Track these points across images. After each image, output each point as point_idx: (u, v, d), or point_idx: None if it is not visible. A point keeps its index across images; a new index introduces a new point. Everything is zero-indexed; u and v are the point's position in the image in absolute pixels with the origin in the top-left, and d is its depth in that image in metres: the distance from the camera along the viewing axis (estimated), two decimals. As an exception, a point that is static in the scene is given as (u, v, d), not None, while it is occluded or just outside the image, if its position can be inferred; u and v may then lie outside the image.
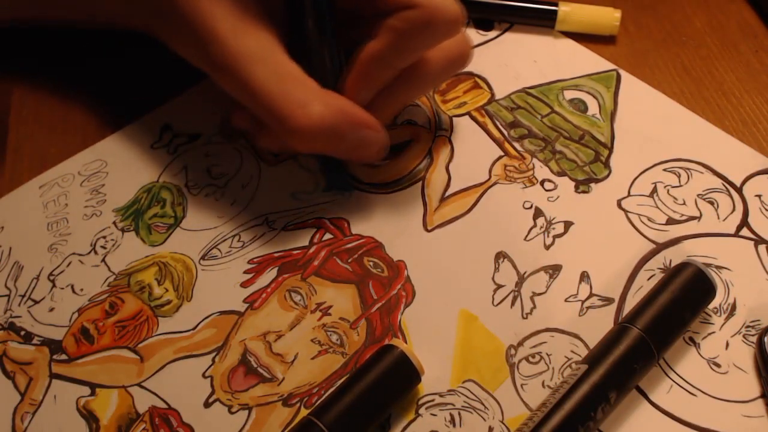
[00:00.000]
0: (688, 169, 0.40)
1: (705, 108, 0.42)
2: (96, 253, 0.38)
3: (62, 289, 0.37)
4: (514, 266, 0.37)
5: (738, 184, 0.39)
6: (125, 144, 0.42)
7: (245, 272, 0.37)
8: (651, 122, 0.42)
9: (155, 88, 0.44)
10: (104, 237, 0.39)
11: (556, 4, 0.45)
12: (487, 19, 0.47)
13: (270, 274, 0.37)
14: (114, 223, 0.39)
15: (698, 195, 0.39)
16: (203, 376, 0.34)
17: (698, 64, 0.45)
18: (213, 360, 0.35)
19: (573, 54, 0.45)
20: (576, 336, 0.35)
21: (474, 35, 0.46)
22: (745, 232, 0.38)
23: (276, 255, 0.38)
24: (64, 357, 0.35)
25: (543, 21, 0.46)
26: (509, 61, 0.45)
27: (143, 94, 0.44)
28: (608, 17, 0.45)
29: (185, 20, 0.34)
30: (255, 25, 0.34)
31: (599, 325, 0.35)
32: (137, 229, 0.39)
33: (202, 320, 0.36)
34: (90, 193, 0.40)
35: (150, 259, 0.38)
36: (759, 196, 0.39)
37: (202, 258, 0.38)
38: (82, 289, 0.37)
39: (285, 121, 0.33)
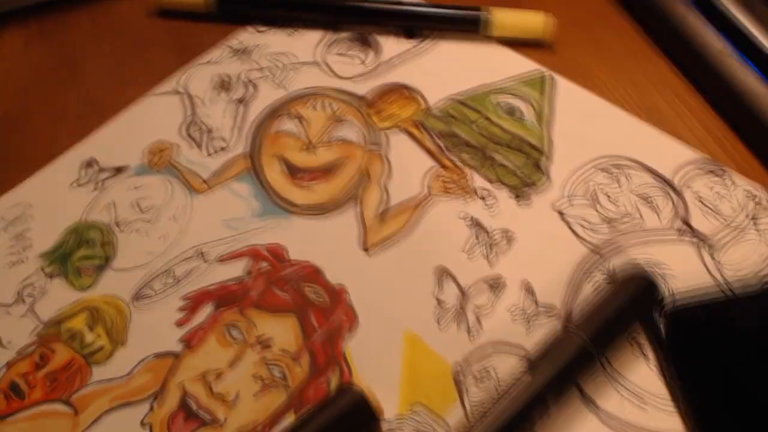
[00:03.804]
0: (622, 167, 0.40)
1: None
2: (23, 302, 0.36)
3: (-12, 343, 0.35)
4: (456, 282, 0.36)
5: (671, 179, 0.39)
6: (48, 183, 0.40)
7: (180, 309, 0.36)
8: (584, 123, 0.41)
9: (74, 121, 0.42)
10: (31, 284, 0.37)
11: (479, 9, 0.44)
12: (413, 26, 0.46)
13: (206, 310, 0.36)
14: (41, 268, 0.37)
15: (633, 193, 0.39)
16: (141, 423, 0.33)
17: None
18: (151, 406, 0.33)
19: (502, 59, 0.44)
20: (522, 348, 0.34)
21: (402, 44, 0.45)
22: (682, 226, 0.37)
23: (211, 289, 0.37)
24: (-7, 416, 0.33)
25: (471, 27, 0.45)
26: (439, 70, 0.44)
27: (65, 128, 0.42)
28: (537, 21, 0.44)
29: None
30: None
31: (545, 335, 0.34)
32: (65, 273, 0.37)
33: (137, 364, 0.34)
34: (14, 239, 0.38)
35: (79, 304, 0.36)
36: (690, 187, 0.39)
37: (135, 298, 0.36)
38: (9, 342, 0.35)
39: None
